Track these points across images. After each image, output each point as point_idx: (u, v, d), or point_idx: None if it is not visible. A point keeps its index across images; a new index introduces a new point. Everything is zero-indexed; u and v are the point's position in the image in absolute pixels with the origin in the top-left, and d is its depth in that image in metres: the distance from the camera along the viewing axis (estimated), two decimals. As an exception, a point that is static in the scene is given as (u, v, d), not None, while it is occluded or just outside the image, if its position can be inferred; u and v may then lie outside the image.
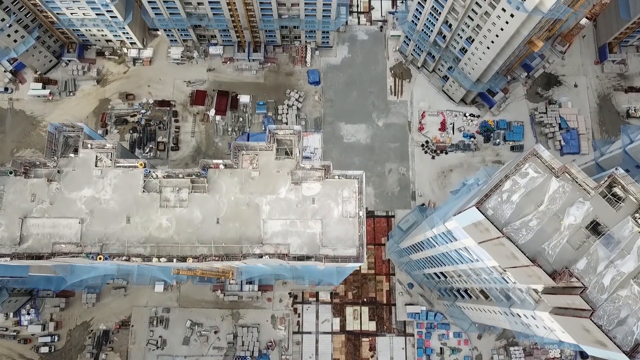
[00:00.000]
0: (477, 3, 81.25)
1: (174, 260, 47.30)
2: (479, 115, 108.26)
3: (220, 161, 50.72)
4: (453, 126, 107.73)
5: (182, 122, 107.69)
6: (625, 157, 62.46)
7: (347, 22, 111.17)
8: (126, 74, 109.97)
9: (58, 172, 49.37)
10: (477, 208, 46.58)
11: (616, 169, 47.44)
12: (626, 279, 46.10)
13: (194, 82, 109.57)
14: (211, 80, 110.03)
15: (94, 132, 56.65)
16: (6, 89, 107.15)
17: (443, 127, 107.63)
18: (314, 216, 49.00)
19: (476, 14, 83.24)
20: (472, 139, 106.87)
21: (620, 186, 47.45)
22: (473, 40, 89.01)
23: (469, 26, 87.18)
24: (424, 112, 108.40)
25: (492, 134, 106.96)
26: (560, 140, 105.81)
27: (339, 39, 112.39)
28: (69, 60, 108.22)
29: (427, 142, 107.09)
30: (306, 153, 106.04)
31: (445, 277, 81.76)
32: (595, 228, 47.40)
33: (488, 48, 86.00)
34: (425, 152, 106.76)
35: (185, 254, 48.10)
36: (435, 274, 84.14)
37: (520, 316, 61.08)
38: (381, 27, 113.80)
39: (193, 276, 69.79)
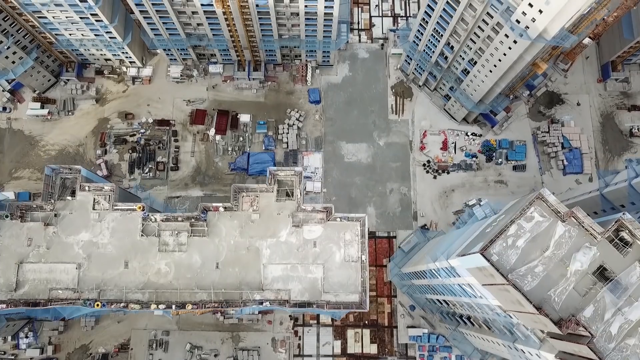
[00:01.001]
0: (479, 27, 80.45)
1: (173, 306, 46.42)
2: (481, 135, 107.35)
3: (220, 204, 49.86)
4: (455, 145, 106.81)
5: (181, 141, 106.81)
6: (631, 191, 61.59)
7: (347, 41, 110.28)
8: (125, 93, 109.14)
9: (55, 215, 48.56)
10: (481, 254, 45.70)
11: (623, 213, 46.56)
12: (634, 327, 45.19)
13: (194, 101, 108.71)
14: (211, 99, 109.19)
15: (91, 172, 55.82)
16: (4, 109, 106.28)
17: (445, 147, 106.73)
18: (315, 260, 48.14)
19: (479, 37, 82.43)
20: (474, 159, 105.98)
21: (627, 231, 46.54)
22: (475, 62, 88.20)
23: (471, 48, 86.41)
24: (425, 131, 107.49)
25: (494, 154, 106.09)
26: (562, 160, 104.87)
27: (340, 57, 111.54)
28: (68, 79, 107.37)
29: (428, 161, 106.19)
30: (307, 173, 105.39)
31: (448, 304, 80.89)
32: (602, 274, 46.49)
33: (490, 71, 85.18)
34: (427, 172, 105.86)
35: (184, 300, 47.20)
36: (437, 299, 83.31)
37: (524, 352, 60.25)
38: (382, 45, 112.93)
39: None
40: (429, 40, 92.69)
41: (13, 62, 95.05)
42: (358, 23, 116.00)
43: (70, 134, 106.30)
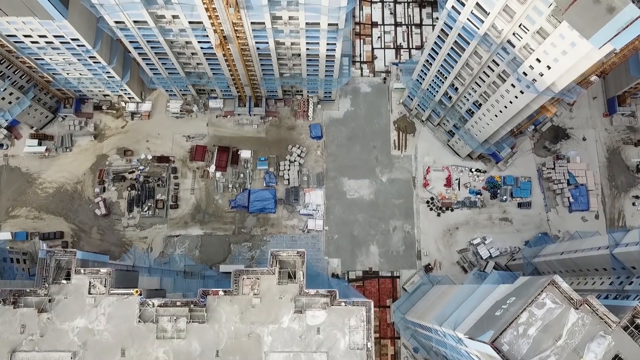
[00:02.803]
0: (485, 72, 78.73)
1: (172, 397, 44.76)
2: (485, 171, 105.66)
3: (220, 289, 48.14)
4: (459, 182, 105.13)
5: (181, 178, 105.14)
6: (643, 256, 59.93)
7: (350, 78, 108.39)
8: (124, 129, 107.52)
9: (49, 300, 46.89)
10: (492, 346, 44.00)
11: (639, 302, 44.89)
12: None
13: (194, 136, 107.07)
14: (211, 134, 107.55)
15: (87, 253, 54.23)
16: (1, 145, 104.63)
17: (448, 183, 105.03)
18: (319, 348, 46.42)
19: (484, 81, 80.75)
20: (478, 196, 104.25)
21: (643, 319, 44.93)
22: (480, 104, 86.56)
23: (476, 91, 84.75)
24: (428, 168, 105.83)
25: (498, 190, 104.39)
26: (568, 197, 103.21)
27: (342, 92, 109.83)
28: (66, 116, 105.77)
29: (432, 198, 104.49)
30: (308, 210, 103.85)
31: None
32: (617, 364, 44.84)
33: (496, 116, 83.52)
34: (431, 209, 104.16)
35: (183, 390, 45.50)
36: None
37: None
38: (384, 78, 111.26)
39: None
40: (433, 80, 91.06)
41: (9, 103, 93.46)
42: (360, 55, 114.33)
43: (68, 171, 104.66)
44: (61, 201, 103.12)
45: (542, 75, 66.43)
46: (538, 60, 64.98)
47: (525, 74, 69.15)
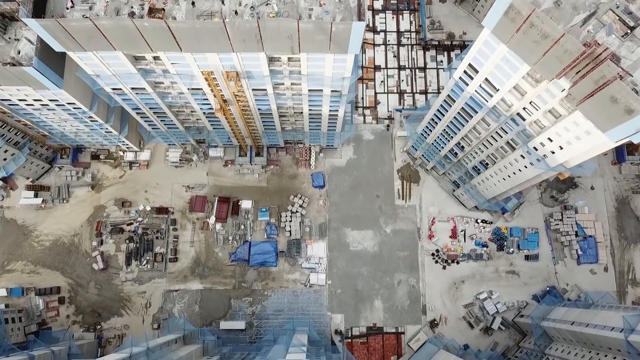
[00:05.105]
0: (493, 137, 76.40)
1: None
2: (491, 222, 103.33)
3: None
4: (464, 233, 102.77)
5: (180, 230, 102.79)
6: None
7: (352, 121, 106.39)
8: (122, 178, 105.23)
9: None
10: None
11: None
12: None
13: (193, 186, 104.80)
14: (211, 184, 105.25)
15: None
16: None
17: (454, 235, 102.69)
18: None
19: (492, 144, 78.47)
20: (484, 248, 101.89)
21: None
22: (487, 164, 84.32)
23: (483, 152, 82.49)
24: (434, 218, 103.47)
25: (505, 242, 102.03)
26: (577, 249, 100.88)
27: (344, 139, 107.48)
28: (62, 166, 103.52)
29: (437, 250, 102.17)
30: (310, 263, 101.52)
31: None
32: None
33: (504, 179, 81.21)
34: (436, 262, 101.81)
35: None
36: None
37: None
38: (388, 126, 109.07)
39: None
40: (438, 137, 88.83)
41: (4, 160, 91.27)
42: (362, 99, 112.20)
43: (65, 223, 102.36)
44: (58, 254, 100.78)
45: (553, 153, 64.13)
46: (550, 139, 62.70)
47: (535, 148, 66.86)
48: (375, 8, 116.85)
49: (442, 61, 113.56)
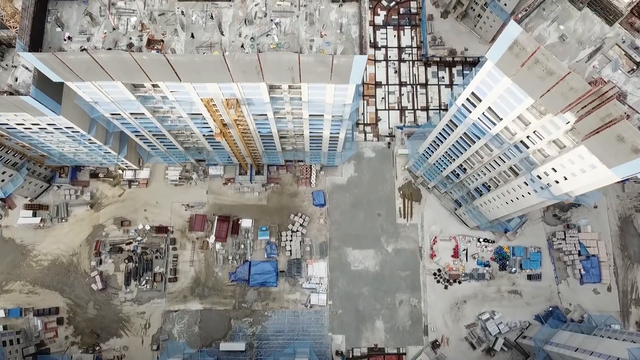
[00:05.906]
0: (495, 161, 75.57)
1: None
2: (493, 241, 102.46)
3: None
4: (466, 253, 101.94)
5: (180, 249, 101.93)
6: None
7: (353, 139, 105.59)
8: (121, 197, 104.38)
9: None
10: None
11: None
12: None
13: (193, 205, 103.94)
14: (211, 202, 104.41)
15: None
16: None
17: (456, 254, 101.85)
18: None
19: (494, 168, 77.66)
20: (486, 268, 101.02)
21: None
22: (489, 187, 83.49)
23: (485, 174, 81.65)
24: (435, 238, 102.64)
25: (507, 262, 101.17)
26: (580, 269, 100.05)
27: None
28: (61, 185, 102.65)
29: (439, 270, 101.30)
30: (311, 283, 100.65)
31: None
32: None
33: (507, 203, 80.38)
34: (438, 282, 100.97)
35: None
36: None
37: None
38: (389, 143, 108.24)
39: None
40: (439, 158, 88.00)
41: (2, 181, 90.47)
42: (363, 115, 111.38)
43: (63, 242, 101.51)
44: (56, 274, 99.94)
45: (557, 182, 63.35)
46: (554, 169, 61.90)
47: (539, 177, 66.06)
48: (377, 23, 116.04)
49: (443, 77, 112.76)
